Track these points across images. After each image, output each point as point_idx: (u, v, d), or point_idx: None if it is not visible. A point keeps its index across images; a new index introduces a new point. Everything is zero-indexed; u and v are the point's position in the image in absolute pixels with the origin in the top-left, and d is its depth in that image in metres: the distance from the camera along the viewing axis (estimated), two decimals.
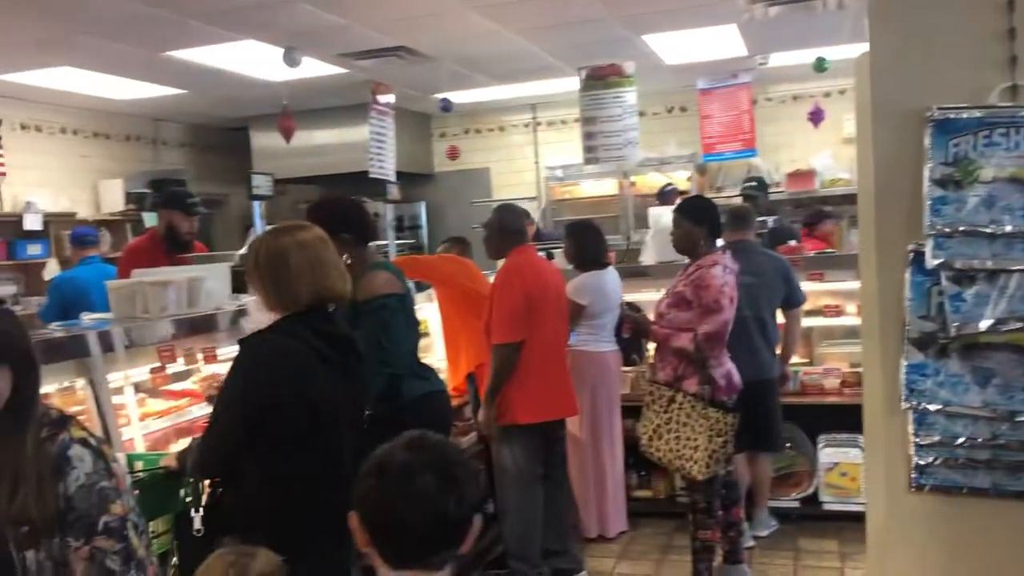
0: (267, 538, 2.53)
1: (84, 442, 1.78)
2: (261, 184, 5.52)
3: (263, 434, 2.52)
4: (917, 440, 2.30)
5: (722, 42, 7.17)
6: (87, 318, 3.78)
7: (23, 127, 7.86)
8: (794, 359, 5.27)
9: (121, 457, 2.93)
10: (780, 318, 4.94)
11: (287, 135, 6.47)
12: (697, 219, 4.07)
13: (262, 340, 2.58)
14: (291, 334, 2.56)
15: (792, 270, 4.89)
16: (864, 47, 2.40)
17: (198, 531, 2.52)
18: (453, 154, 8.84)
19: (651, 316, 4.33)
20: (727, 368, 4.02)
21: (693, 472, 3.93)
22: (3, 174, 7.38)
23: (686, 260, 4.19)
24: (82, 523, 1.73)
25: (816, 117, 7.53)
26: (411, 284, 4.87)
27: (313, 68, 7.00)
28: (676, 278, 4.19)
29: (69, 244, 5.98)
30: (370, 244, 3.59)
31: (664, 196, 7.37)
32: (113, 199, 8.35)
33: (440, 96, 7.89)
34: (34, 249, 7.21)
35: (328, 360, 2.61)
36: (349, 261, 3.42)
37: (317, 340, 2.58)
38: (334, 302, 2.70)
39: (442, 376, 5.07)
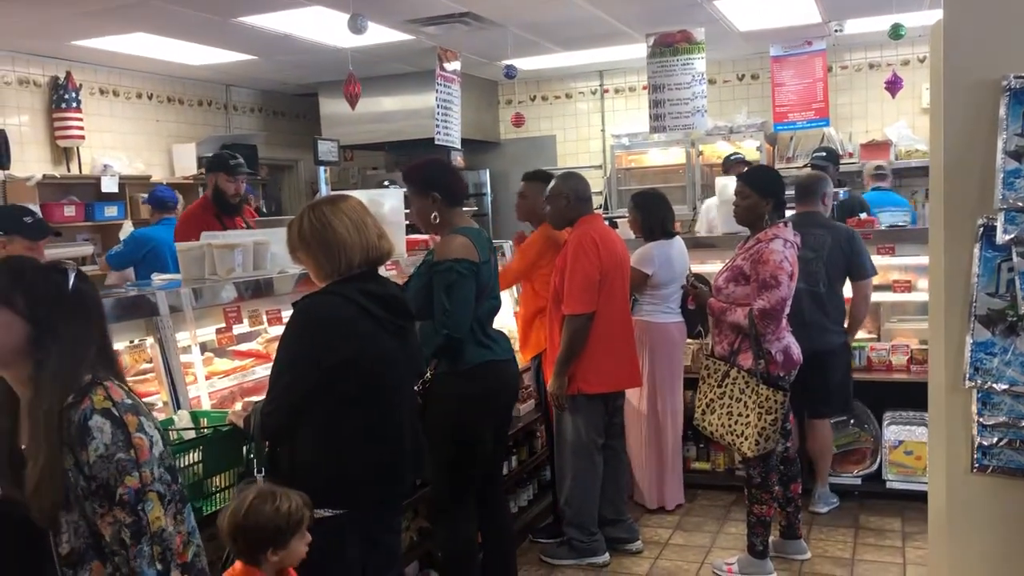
0: (324, 494, 2.61)
1: (106, 412, 1.80)
2: (327, 150, 5.59)
3: (320, 393, 2.58)
4: (981, 420, 2.24)
5: (796, 8, 6.98)
6: (157, 279, 3.89)
7: (101, 92, 8.08)
8: (861, 334, 5.16)
9: (185, 415, 3.04)
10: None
11: (352, 101, 6.52)
12: (764, 191, 3.97)
13: (313, 302, 2.63)
14: (341, 295, 2.61)
15: (858, 241, 4.74)
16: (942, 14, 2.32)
17: None
18: (518, 121, 8.81)
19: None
20: (785, 343, 3.95)
21: (744, 448, 3.90)
22: (82, 137, 7.60)
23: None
24: (103, 491, 1.77)
25: (893, 87, 7.28)
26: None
27: (380, 35, 7.02)
28: (735, 251, 4.12)
29: (149, 205, 6.09)
30: (461, 208, 3.62)
31: (730, 166, 7.15)
32: (186, 163, 8.54)
33: (504, 63, 7.85)
34: (111, 211, 7.42)
35: (380, 320, 2.65)
36: (438, 220, 3.47)
37: (367, 301, 2.63)
38: (381, 262, 2.75)
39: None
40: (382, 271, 2.85)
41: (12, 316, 1.80)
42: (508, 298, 5.63)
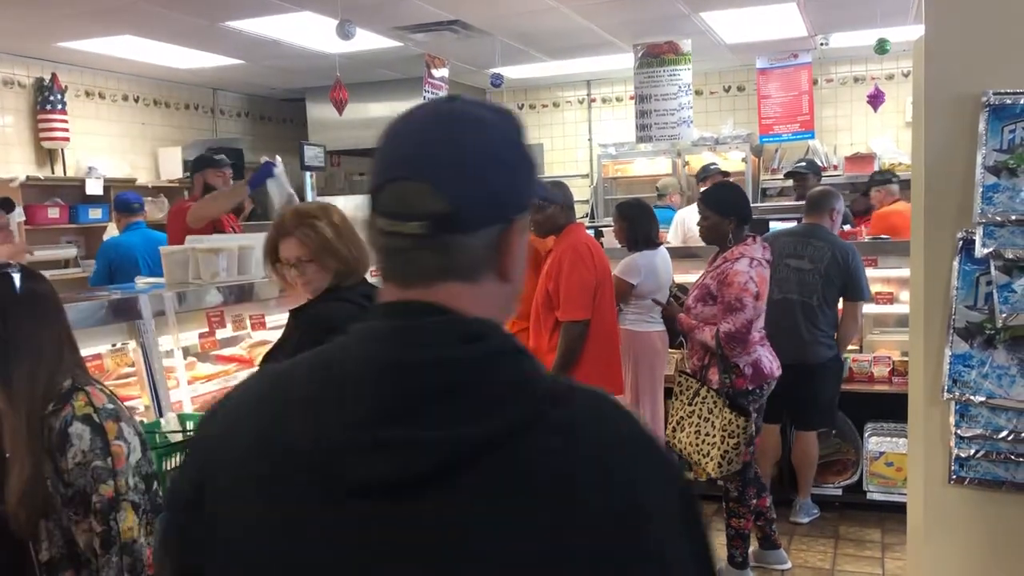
0: None
1: (86, 418, 1.77)
2: (313, 155, 5.58)
3: None
4: (958, 432, 2.26)
5: (782, 21, 7.03)
6: (141, 282, 3.88)
7: (87, 94, 8.05)
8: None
9: (173, 418, 3.02)
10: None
11: (339, 107, 6.53)
12: (724, 211, 3.94)
13: (330, 309, 2.56)
14: (352, 302, 2.57)
15: (856, 260, 4.69)
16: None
17: None
18: None
19: None
20: (754, 356, 3.93)
21: (708, 469, 3.89)
22: (67, 139, 7.56)
23: None
24: (79, 499, 1.76)
25: (876, 100, 7.35)
26: None
27: (369, 41, 7.03)
28: (705, 268, 4.13)
29: (114, 210, 6.09)
30: None
31: (706, 176, 7.03)
32: (172, 166, 8.52)
33: (492, 71, 7.88)
34: (95, 213, 7.38)
35: None
36: None
37: (369, 304, 2.62)
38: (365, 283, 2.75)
39: None
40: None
41: None
42: None
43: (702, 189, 6.14)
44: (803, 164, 6.87)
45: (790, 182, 7.31)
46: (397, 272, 0.94)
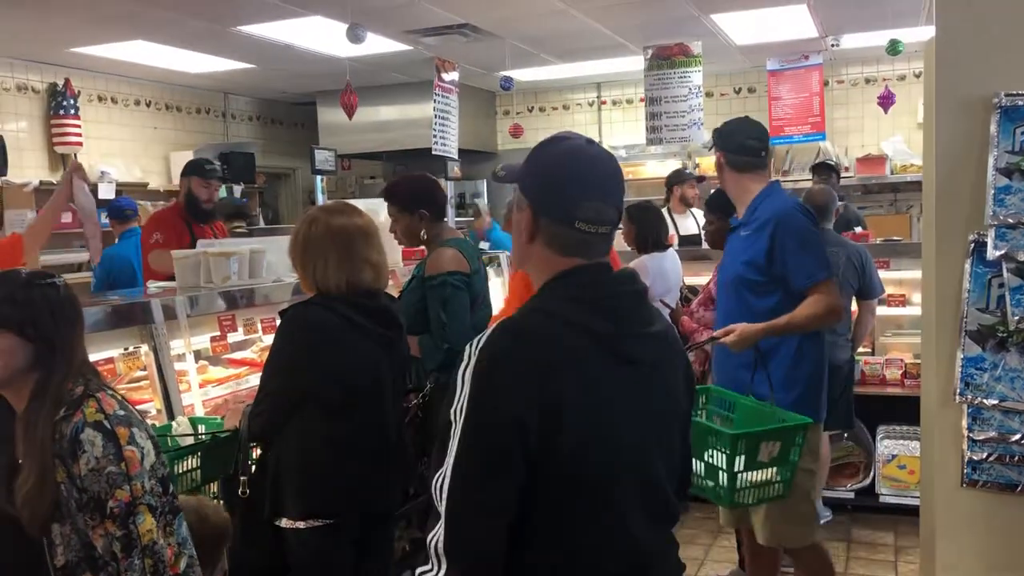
0: (310, 503, 2.60)
1: (98, 425, 1.79)
2: (324, 159, 5.59)
3: (305, 401, 2.58)
4: (971, 435, 2.25)
5: (793, 22, 7.02)
6: (153, 286, 3.90)
7: (100, 99, 8.09)
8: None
9: (184, 420, 3.04)
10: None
11: (349, 111, 6.54)
12: (729, 214, 3.95)
13: (298, 312, 2.64)
14: (326, 306, 2.61)
15: (869, 260, 4.70)
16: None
17: (243, 494, 2.59)
18: (516, 132, 8.83)
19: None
20: None
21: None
22: (80, 144, 7.61)
23: None
24: (94, 504, 1.77)
25: (887, 102, 7.32)
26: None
27: (379, 45, 7.05)
28: (713, 272, 4.12)
29: (108, 218, 6.02)
30: (445, 220, 3.63)
31: (676, 181, 6.63)
32: None
33: (501, 75, 7.88)
34: (107, 218, 7.41)
35: (366, 331, 2.65)
36: (426, 236, 3.48)
37: (353, 312, 2.63)
38: (368, 294, 2.73)
39: None
40: None
41: (15, 340, 1.80)
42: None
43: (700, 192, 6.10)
44: (831, 160, 6.80)
45: (801, 184, 7.28)
46: (585, 251, 1.56)
